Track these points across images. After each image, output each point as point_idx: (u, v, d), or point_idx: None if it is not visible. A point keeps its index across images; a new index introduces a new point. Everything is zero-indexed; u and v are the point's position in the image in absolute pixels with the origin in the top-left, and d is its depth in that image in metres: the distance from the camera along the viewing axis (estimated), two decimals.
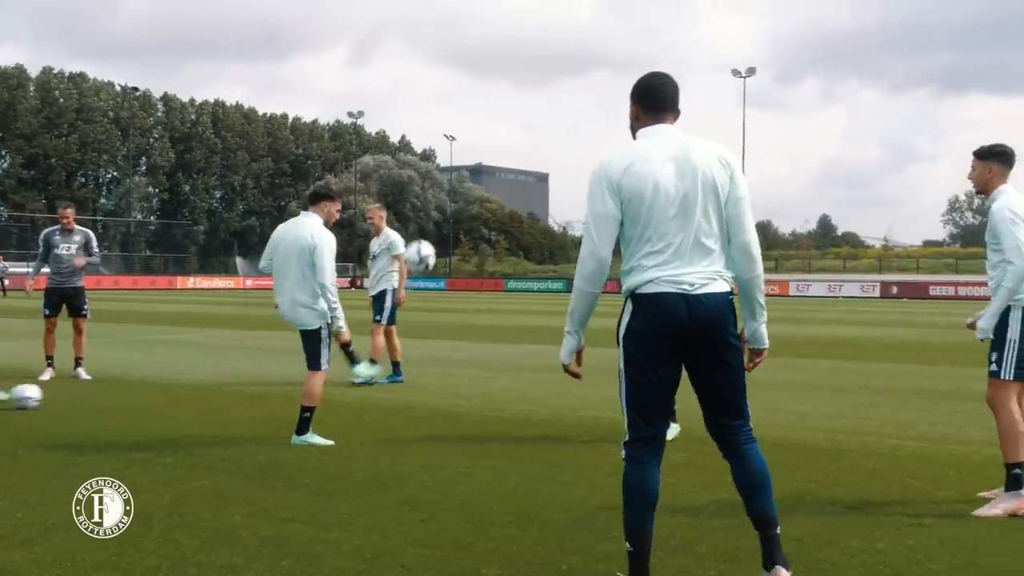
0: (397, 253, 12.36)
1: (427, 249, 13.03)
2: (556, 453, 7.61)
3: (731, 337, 4.09)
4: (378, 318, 12.35)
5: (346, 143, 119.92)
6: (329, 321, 7.88)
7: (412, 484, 6.41)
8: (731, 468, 4.27)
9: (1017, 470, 5.84)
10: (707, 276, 4.03)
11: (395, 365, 12.34)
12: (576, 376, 4.35)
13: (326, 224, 8.08)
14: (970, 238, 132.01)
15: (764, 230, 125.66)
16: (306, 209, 8.20)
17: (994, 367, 5.97)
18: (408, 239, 13.39)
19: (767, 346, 4.32)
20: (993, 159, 6.08)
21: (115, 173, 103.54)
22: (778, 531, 4.20)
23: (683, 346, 4.06)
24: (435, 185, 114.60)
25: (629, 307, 4.14)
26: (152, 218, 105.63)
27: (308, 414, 7.88)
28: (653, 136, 4.17)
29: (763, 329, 4.29)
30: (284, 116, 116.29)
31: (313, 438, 7.83)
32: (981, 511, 5.76)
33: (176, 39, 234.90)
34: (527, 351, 17.65)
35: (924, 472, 6.95)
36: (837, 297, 62.67)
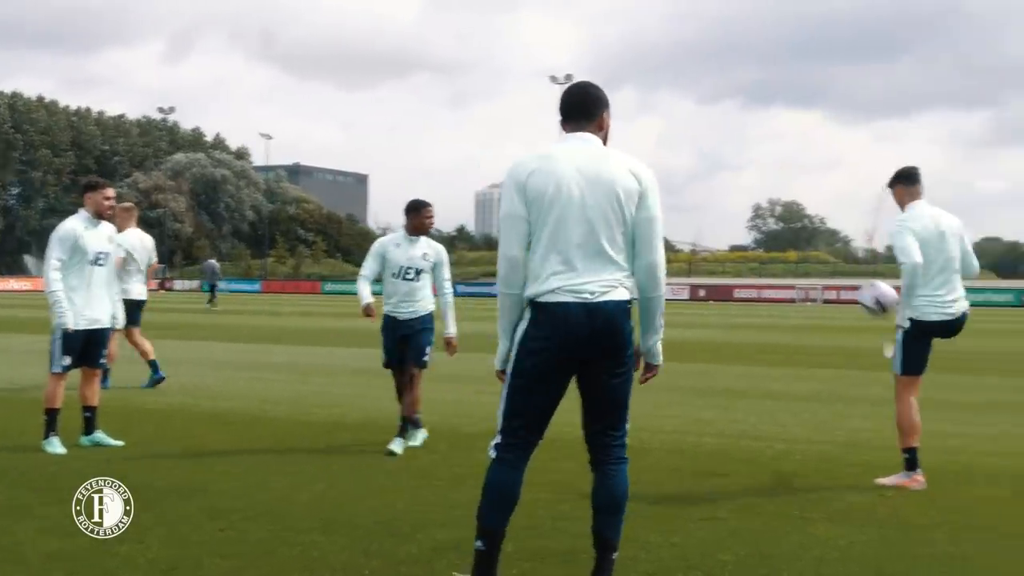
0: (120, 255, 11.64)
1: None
2: (365, 458, 7.57)
3: (626, 346, 4.08)
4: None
5: (156, 139, 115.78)
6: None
7: (213, 492, 6.25)
8: (594, 480, 4.25)
9: (907, 453, 6.68)
10: (608, 284, 4.02)
11: (151, 364, 11.78)
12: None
13: (100, 215, 7.76)
14: (772, 243, 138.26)
15: None
16: None
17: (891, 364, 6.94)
18: (222, 239, 12.98)
19: (660, 363, 4.34)
20: (896, 182, 6.94)
21: None
22: (615, 556, 4.22)
23: (580, 356, 4.03)
24: (251, 184, 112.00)
25: (528, 314, 4.10)
26: None
27: (47, 416, 7.62)
28: (568, 143, 4.17)
29: (659, 346, 4.29)
30: (88, 110, 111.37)
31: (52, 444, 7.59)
32: (880, 479, 6.68)
33: None
34: (342, 354, 17.49)
35: (721, 467, 7.23)
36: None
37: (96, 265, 7.71)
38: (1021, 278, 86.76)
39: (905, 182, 6.91)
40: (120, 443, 7.81)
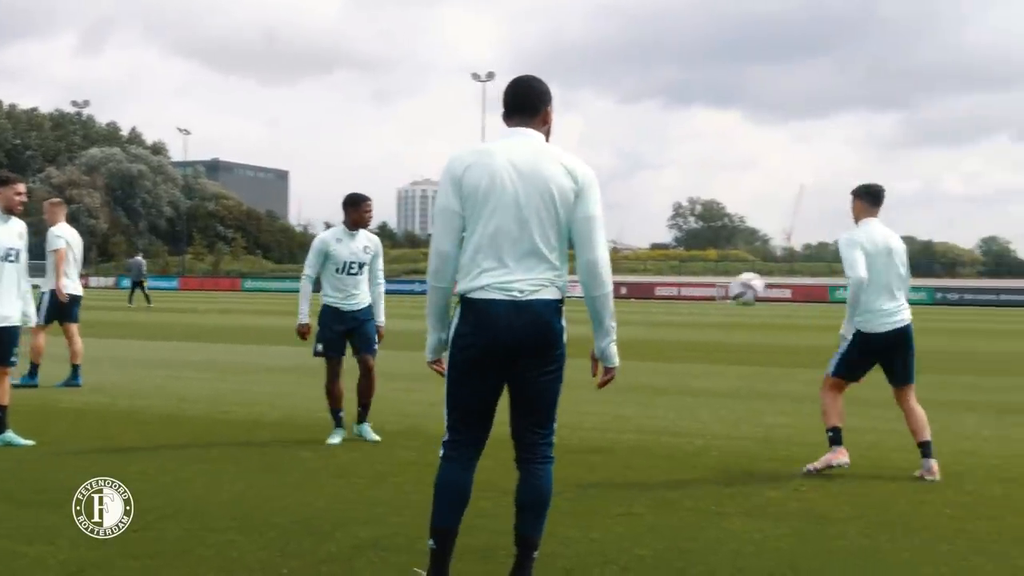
0: (54, 248, 11.46)
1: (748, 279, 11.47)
2: (284, 456, 7.49)
3: (554, 346, 4.09)
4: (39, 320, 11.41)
5: (70, 134, 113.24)
6: None
7: (128, 492, 6.12)
8: (519, 478, 4.25)
9: (831, 432, 7.12)
10: (538, 283, 4.02)
11: (74, 368, 11.53)
12: (442, 374, 4.24)
13: (11, 211, 7.61)
14: (693, 241, 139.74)
15: None
16: None
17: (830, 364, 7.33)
18: (138, 236, 12.72)
19: (616, 364, 4.30)
20: (861, 197, 7.27)
21: None
22: (535, 555, 4.22)
23: (508, 353, 4.03)
24: (168, 180, 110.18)
25: (459, 310, 4.11)
26: None
27: None
28: (507, 138, 4.13)
29: (613, 348, 4.26)
30: None
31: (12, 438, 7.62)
32: (809, 465, 7.05)
33: None
34: (261, 352, 17.29)
35: (639, 463, 7.30)
36: (569, 297, 64.79)
37: (6, 262, 7.54)
38: (935, 277, 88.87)
39: (868, 200, 7.24)
40: (31, 442, 7.63)
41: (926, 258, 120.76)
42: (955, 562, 4.92)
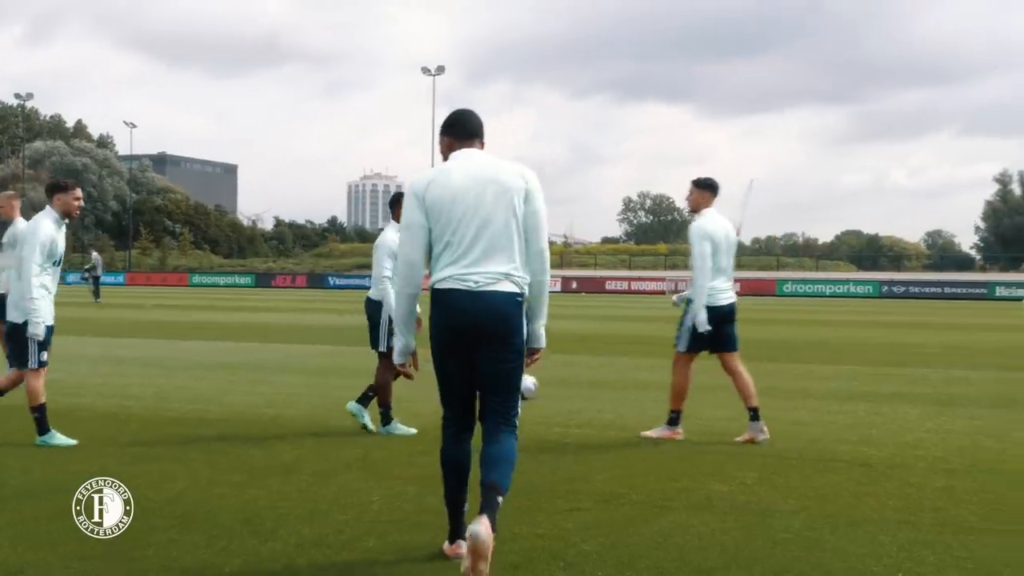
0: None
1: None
2: (228, 454, 7.41)
3: (513, 331, 4.55)
4: None
5: (12, 126, 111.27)
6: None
7: (68, 492, 5.96)
8: (483, 448, 4.58)
9: (673, 414, 8.21)
10: (493, 277, 4.51)
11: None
12: (409, 376, 5.03)
13: (68, 216, 7.67)
14: (643, 236, 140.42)
15: None
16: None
17: (676, 342, 8.34)
18: (84, 231, 12.53)
19: (543, 346, 4.78)
20: (702, 188, 8.18)
21: None
22: (500, 500, 4.41)
23: (471, 337, 4.52)
24: (114, 174, 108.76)
25: (431, 303, 4.64)
26: None
27: (37, 415, 7.66)
28: (460, 158, 4.71)
29: (541, 331, 4.76)
30: None
31: (55, 438, 7.64)
32: (645, 432, 8.22)
33: None
34: (208, 348, 17.11)
35: (586, 458, 7.30)
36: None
37: (56, 266, 7.60)
38: (881, 271, 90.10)
39: (710, 191, 8.20)
40: (74, 441, 7.56)
41: (873, 251, 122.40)
42: (897, 553, 4.96)
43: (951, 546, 5.10)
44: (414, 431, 8.12)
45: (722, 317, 8.06)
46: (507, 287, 4.52)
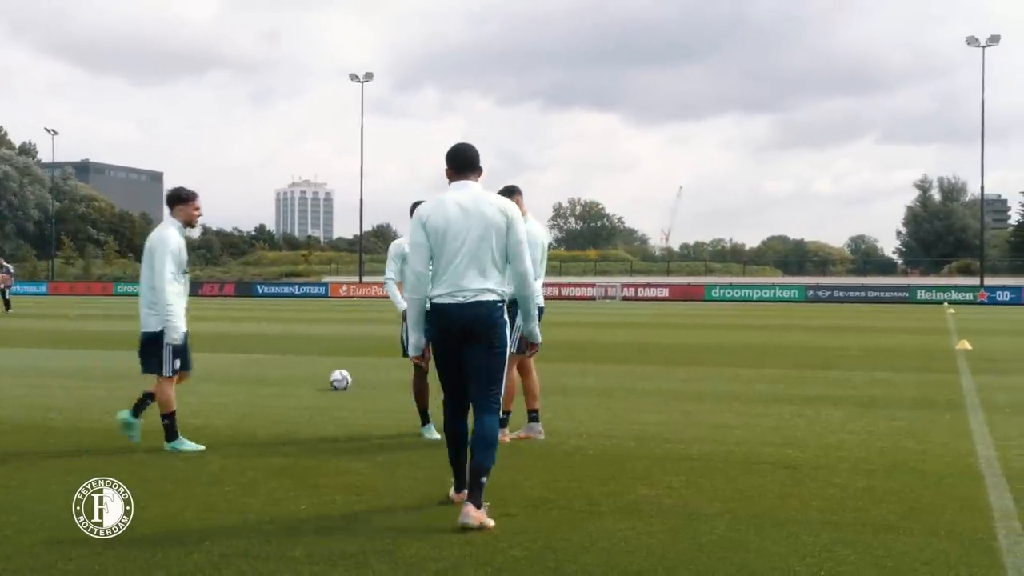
0: None
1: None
2: (152, 465, 7.30)
3: (496, 332, 5.63)
4: None
5: None
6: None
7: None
8: (474, 426, 5.64)
9: (507, 415, 8.44)
10: (479, 290, 5.60)
11: None
12: (423, 368, 6.73)
13: (189, 225, 8.00)
14: (573, 242, 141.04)
15: (384, 235, 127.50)
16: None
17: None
18: (5, 239, 12.34)
19: (539, 341, 6.18)
20: (518, 194, 8.06)
21: None
22: (484, 479, 5.48)
23: (460, 337, 5.62)
24: (36, 182, 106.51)
25: (429, 313, 5.74)
26: None
27: (167, 420, 7.90)
28: (455, 190, 5.73)
29: (535, 329, 6.07)
30: None
31: (184, 444, 7.85)
32: (511, 434, 8.44)
33: None
34: (132, 358, 16.78)
35: (515, 463, 7.30)
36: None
37: (184, 274, 7.82)
38: (807, 275, 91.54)
39: (519, 195, 8.14)
40: (202, 447, 7.64)
41: (799, 256, 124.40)
42: (820, 553, 5.05)
43: (871, 545, 5.20)
44: (436, 436, 8.06)
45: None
46: (488, 297, 5.60)
